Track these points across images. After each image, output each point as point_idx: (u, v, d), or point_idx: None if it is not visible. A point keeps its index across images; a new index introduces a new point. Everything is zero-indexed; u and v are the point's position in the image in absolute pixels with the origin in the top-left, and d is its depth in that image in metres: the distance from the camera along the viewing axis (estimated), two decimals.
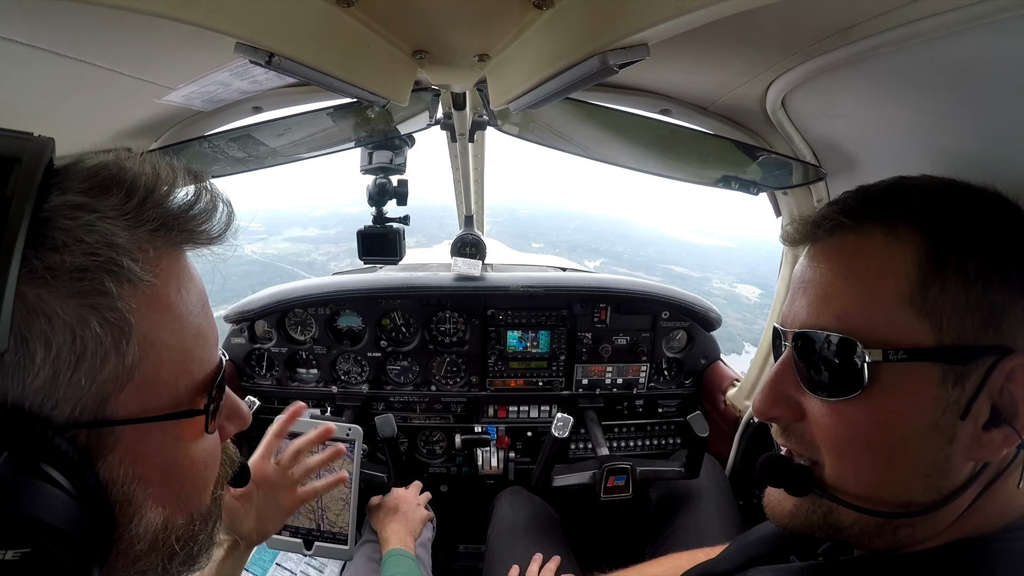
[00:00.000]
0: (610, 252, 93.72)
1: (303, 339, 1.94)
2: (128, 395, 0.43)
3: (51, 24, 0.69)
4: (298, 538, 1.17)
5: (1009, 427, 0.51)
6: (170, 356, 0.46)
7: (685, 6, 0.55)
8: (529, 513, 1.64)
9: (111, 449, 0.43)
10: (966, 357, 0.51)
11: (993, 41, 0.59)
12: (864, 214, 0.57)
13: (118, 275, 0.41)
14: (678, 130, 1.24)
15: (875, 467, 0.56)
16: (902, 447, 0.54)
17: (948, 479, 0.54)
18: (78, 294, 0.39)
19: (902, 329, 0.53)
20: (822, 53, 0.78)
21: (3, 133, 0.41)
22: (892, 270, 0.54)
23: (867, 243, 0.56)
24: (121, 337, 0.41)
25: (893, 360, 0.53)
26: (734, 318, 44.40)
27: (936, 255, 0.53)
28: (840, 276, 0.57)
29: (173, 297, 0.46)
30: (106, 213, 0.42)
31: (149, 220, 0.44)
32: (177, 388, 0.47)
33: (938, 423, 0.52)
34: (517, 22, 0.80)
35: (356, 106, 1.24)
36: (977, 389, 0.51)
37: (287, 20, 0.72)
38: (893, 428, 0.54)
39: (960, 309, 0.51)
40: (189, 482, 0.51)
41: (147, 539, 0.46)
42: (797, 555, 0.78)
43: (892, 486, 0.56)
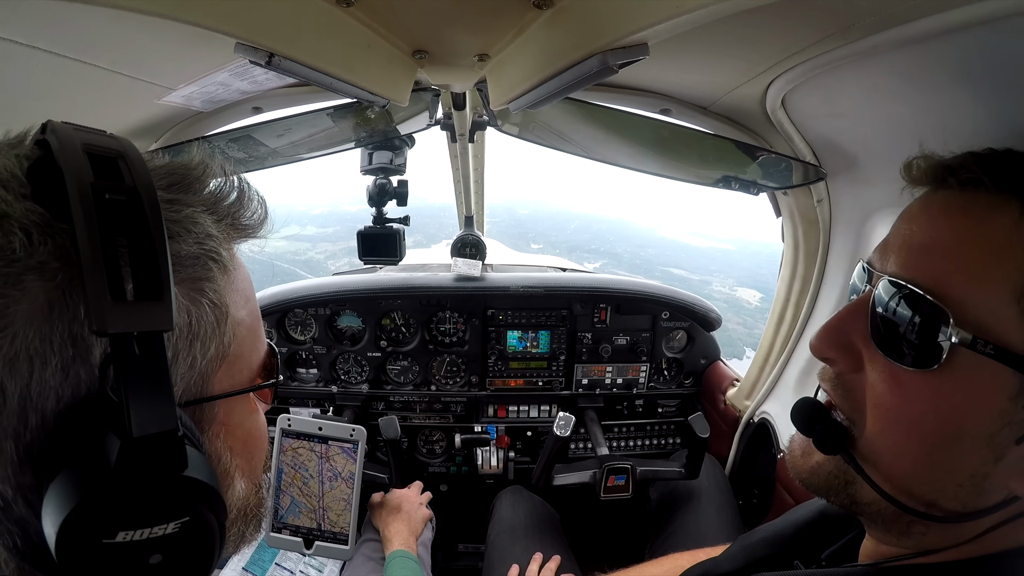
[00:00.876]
0: (610, 253, 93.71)
1: (303, 339, 1.94)
2: (223, 372, 0.47)
3: (51, 24, 0.69)
4: (298, 537, 1.17)
5: None
6: (247, 335, 0.50)
7: (685, 6, 0.55)
8: (529, 512, 1.64)
9: (210, 423, 0.47)
10: None
11: (993, 41, 0.59)
12: (1007, 180, 0.49)
13: (218, 262, 0.45)
14: (678, 130, 1.24)
15: (914, 455, 0.51)
16: (949, 446, 0.49)
17: (979, 496, 0.49)
18: (191, 279, 0.43)
19: (1001, 322, 0.46)
20: (822, 53, 0.78)
21: (85, 128, 0.43)
22: (1016, 254, 0.46)
23: (1000, 213, 0.48)
24: (222, 319, 0.45)
25: (980, 350, 0.46)
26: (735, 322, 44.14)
27: None
28: (955, 236, 0.49)
29: (242, 282, 0.51)
30: (198, 207, 0.45)
31: (224, 215, 0.49)
32: (252, 364, 0.52)
33: (993, 436, 0.47)
34: (517, 22, 0.80)
35: (356, 106, 1.24)
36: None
37: (287, 20, 0.72)
38: (948, 421, 0.49)
39: None
40: (259, 451, 0.56)
41: (236, 507, 0.50)
42: (800, 558, 0.76)
43: (923, 481, 0.52)
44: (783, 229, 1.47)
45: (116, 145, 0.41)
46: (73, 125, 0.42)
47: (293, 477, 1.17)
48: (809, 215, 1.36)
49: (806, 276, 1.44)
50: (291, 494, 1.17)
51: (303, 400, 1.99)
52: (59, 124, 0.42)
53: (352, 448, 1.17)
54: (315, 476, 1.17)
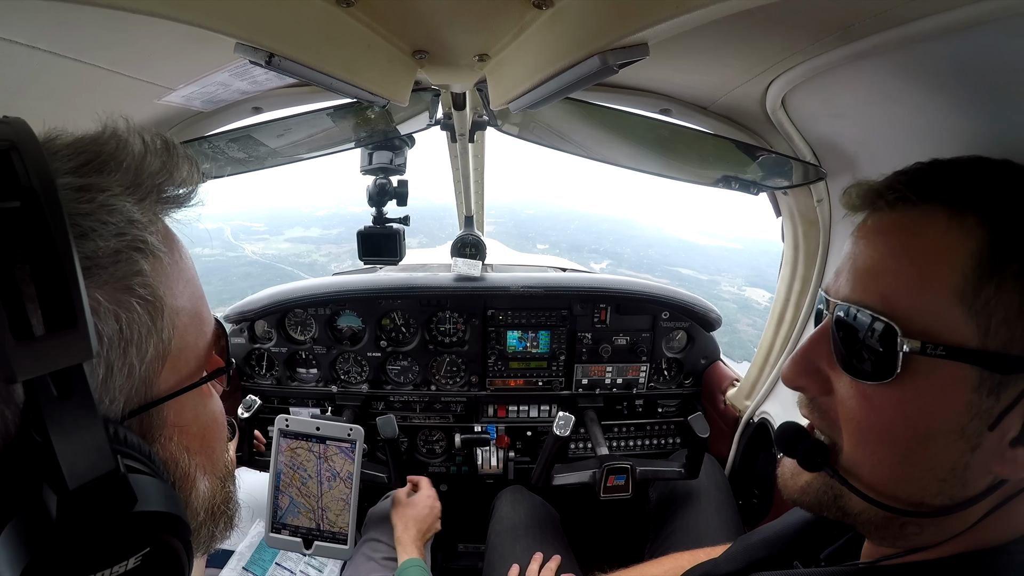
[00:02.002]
0: (615, 254, 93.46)
1: (303, 339, 1.94)
2: (167, 370, 0.43)
3: (51, 25, 0.69)
4: (298, 537, 1.17)
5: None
6: (190, 322, 0.46)
7: (685, 6, 0.55)
8: (529, 512, 1.64)
9: (161, 428, 0.43)
10: (1008, 367, 0.48)
11: (993, 41, 0.59)
12: (931, 191, 0.52)
13: (144, 252, 0.40)
14: (678, 130, 1.24)
15: (892, 460, 0.54)
16: (923, 445, 0.52)
17: (964, 487, 0.51)
18: (115, 279, 0.38)
19: (947, 323, 0.49)
20: (822, 53, 0.78)
21: None
22: (948, 258, 0.50)
23: (928, 223, 0.52)
24: (157, 315, 0.41)
25: (931, 354, 0.49)
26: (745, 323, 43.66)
27: (997, 253, 0.48)
28: (894, 254, 0.53)
29: (178, 263, 0.46)
30: (113, 190, 0.39)
31: (148, 191, 0.43)
32: (199, 351, 0.47)
33: (964, 428, 0.50)
34: (517, 22, 0.80)
35: (356, 106, 1.24)
36: (1013, 402, 0.48)
37: (287, 20, 0.72)
38: (917, 424, 0.52)
39: (1012, 317, 0.47)
40: (217, 442, 0.51)
41: (204, 508, 0.47)
42: (800, 558, 0.77)
43: (906, 483, 0.54)
44: (783, 229, 1.47)
45: (7, 133, 0.34)
46: None
47: (292, 477, 1.17)
48: (809, 215, 1.35)
49: (806, 276, 1.44)
50: (290, 494, 1.17)
51: (303, 400, 2.00)
52: None
53: (350, 448, 1.17)
54: (314, 476, 1.17)
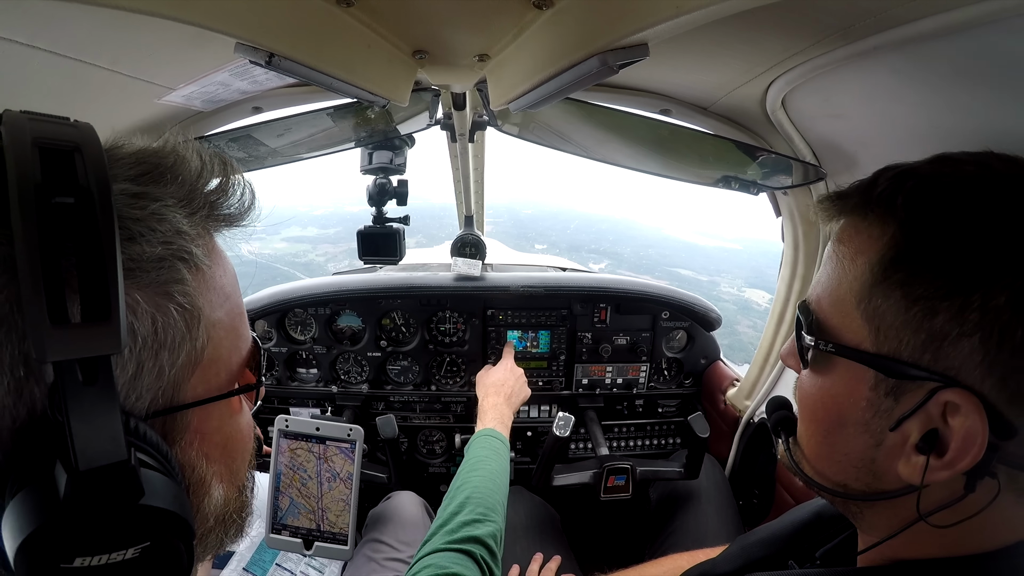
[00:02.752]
0: (614, 254, 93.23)
1: (303, 339, 1.94)
2: (197, 378, 0.44)
3: (51, 24, 0.69)
4: (298, 538, 1.17)
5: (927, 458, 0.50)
6: (225, 336, 0.47)
7: (685, 6, 0.55)
8: (529, 513, 1.64)
9: (184, 432, 0.44)
10: (898, 371, 0.50)
11: (993, 41, 0.59)
12: (854, 203, 0.56)
13: (188, 262, 0.42)
14: (678, 130, 1.24)
15: (818, 439, 0.60)
16: (838, 431, 0.57)
17: (877, 479, 0.55)
18: (156, 283, 0.40)
19: (849, 325, 0.54)
20: (822, 53, 0.78)
21: (44, 117, 0.39)
22: (858, 263, 0.54)
23: (850, 232, 0.56)
24: (194, 323, 0.42)
25: (823, 349, 0.56)
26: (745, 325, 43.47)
27: (890, 261, 0.50)
28: (829, 259, 0.59)
29: (220, 279, 0.47)
30: (167, 201, 0.42)
31: (201, 206, 0.45)
32: (231, 366, 0.49)
33: (868, 423, 0.53)
34: (517, 22, 0.80)
35: (356, 106, 1.24)
36: (913, 409, 0.49)
37: (287, 20, 0.72)
38: (831, 410, 0.57)
39: (899, 324, 0.49)
40: (240, 455, 0.53)
41: (214, 515, 0.48)
42: (795, 558, 0.78)
43: (829, 463, 0.59)
44: (783, 229, 1.47)
45: (74, 136, 0.37)
46: (31, 114, 0.38)
47: (292, 478, 1.17)
48: (809, 215, 1.36)
49: (806, 276, 1.44)
50: (290, 495, 1.17)
51: (303, 400, 2.00)
52: (15, 114, 0.38)
53: (350, 448, 1.17)
54: (314, 477, 1.17)
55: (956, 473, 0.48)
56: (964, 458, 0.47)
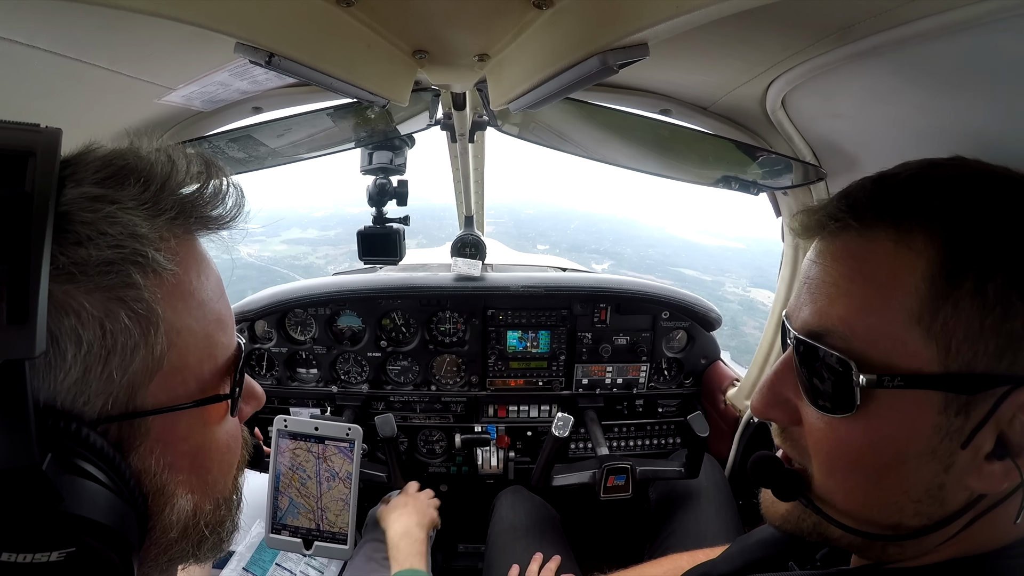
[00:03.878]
0: (616, 254, 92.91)
1: (303, 339, 1.94)
2: (157, 385, 0.43)
3: (51, 24, 0.69)
4: (298, 538, 1.17)
5: (1012, 462, 0.47)
6: (195, 343, 0.46)
7: (685, 6, 0.55)
8: (529, 512, 1.64)
9: (143, 439, 0.43)
10: (975, 387, 0.46)
11: (993, 41, 0.59)
12: (874, 215, 0.51)
13: (143, 266, 0.41)
14: (678, 130, 1.24)
15: (864, 488, 0.53)
16: (894, 471, 0.51)
17: (941, 506, 0.51)
18: (105, 288, 0.39)
19: (906, 348, 0.48)
20: (822, 53, 0.78)
21: (11, 125, 0.40)
22: (902, 281, 0.48)
23: (876, 249, 0.50)
24: (149, 327, 0.41)
25: (888, 386, 0.49)
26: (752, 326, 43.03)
27: (951, 272, 0.46)
28: (846, 278, 0.52)
29: (194, 283, 0.46)
30: (125, 203, 0.41)
31: (167, 208, 0.44)
32: (203, 374, 0.47)
33: (935, 450, 0.49)
34: (517, 22, 0.80)
35: (356, 106, 1.24)
36: (984, 419, 0.46)
37: (287, 20, 0.72)
38: (886, 452, 0.51)
39: (973, 335, 0.45)
40: (216, 466, 0.51)
41: (179, 526, 0.47)
42: (795, 560, 0.77)
43: (881, 508, 0.53)
44: (783, 229, 1.47)
45: (30, 142, 0.38)
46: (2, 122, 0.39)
47: (291, 478, 1.17)
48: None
49: None
50: (289, 495, 1.17)
51: (303, 400, 2.00)
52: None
53: (348, 448, 1.17)
54: (313, 477, 1.17)
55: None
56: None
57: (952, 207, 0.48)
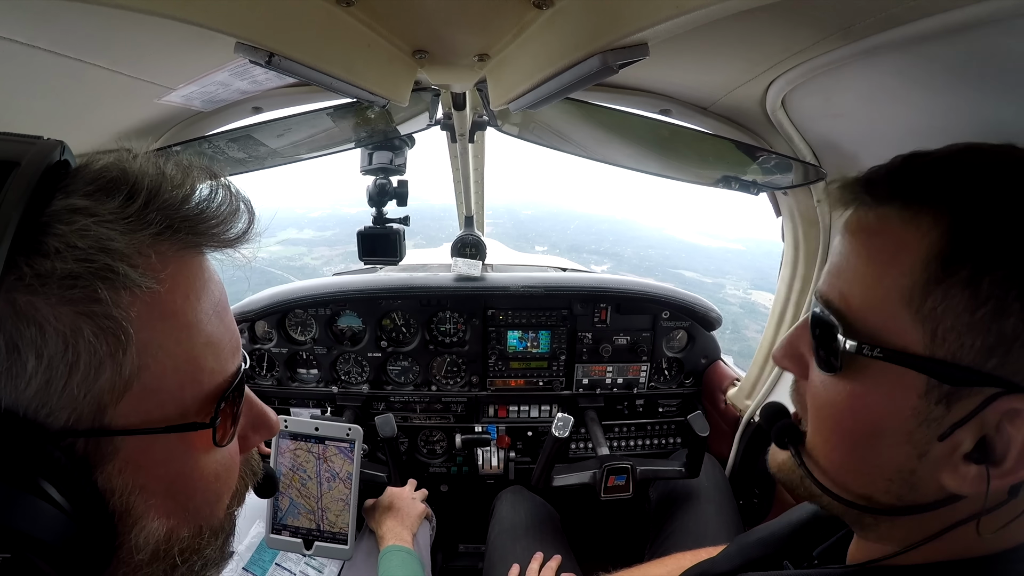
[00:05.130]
0: (616, 255, 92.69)
1: (303, 339, 1.94)
2: (128, 405, 0.41)
3: (51, 24, 0.69)
4: (298, 538, 1.17)
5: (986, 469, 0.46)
6: (175, 366, 0.44)
7: (685, 6, 0.55)
8: (530, 512, 1.64)
9: (110, 458, 0.42)
10: (958, 378, 0.46)
11: (994, 41, 0.59)
12: (888, 192, 0.51)
13: (113, 282, 0.39)
14: (678, 130, 1.24)
15: (842, 449, 0.56)
16: (869, 442, 0.52)
17: (912, 491, 0.51)
18: (71, 301, 0.38)
19: (895, 325, 0.49)
20: (822, 53, 0.78)
21: (10, 137, 0.40)
22: (901, 260, 0.48)
23: (885, 226, 0.51)
24: (118, 346, 0.40)
25: (867, 355, 0.50)
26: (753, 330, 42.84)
27: (948, 259, 0.46)
28: (855, 253, 0.53)
29: (180, 304, 0.44)
30: (105, 217, 0.40)
31: (152, 223, 0.42)
32: (183, 399, 0.45)
33: (912, 434, 0.49)
34: (517, 22, 0.80)
35: (356, 106, 1.24)
36: (967, 416, 0.46)
37: (287, 20, 0.72)
38: (863, 420, 0.52)
39: (962, 326, 0.45)
40: (199, 495, 0.49)
41: (147, 550, 0.45)
42: (792, 557, 0.77)
43: (854, 474, 0.55)
44: (783, 229, 1.47)
45: (18, 153, 0.39)
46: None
47: (291, 479, 1.17)
48: (809, 215, 1.36)
49: (806, 276, 1.44)
50: (290, 495, 1.17)
51: (303, 401, 2.00)
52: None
53: (349, 448, 1.17)
54: (313, 477, 1.17)
55: (1013, 482, 0.45)
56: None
57: (966, 192, 0.46)
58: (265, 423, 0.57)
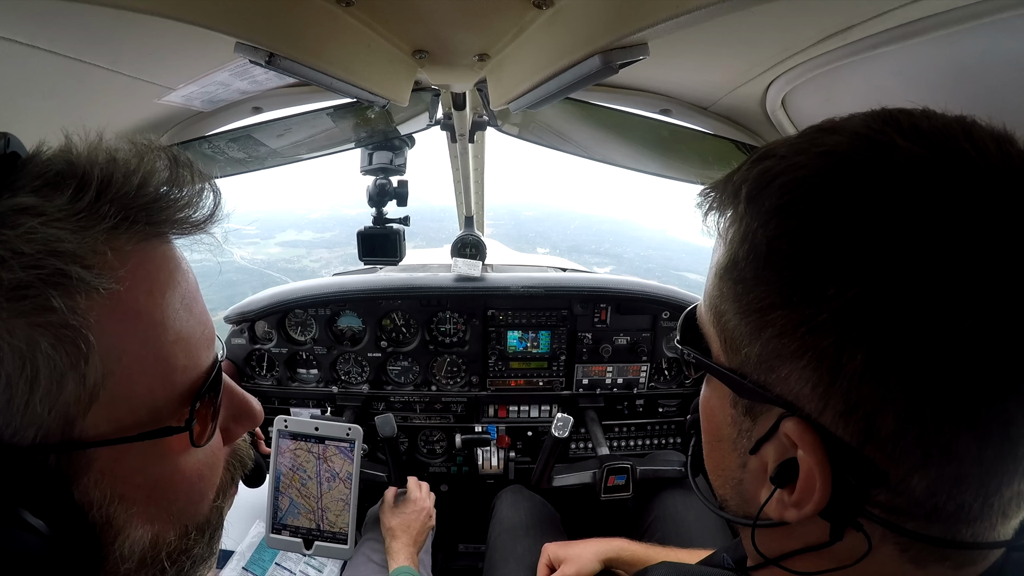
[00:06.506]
0: (617, 256, 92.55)
1: (303, 339, 1.94)
2: (97, 415, 0.39)
3: (51, 24, 0.69)
4: (298, 538, 1.17)
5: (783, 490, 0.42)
6: (143, 369, 0.41)
7: (685, 6, 0.55)
8: (530, 512, 1.64)
9: (85, 471, 0.39)
10: (744, 390, 0.43)
11: (993, 41, 0.59)
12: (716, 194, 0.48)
13: (66, 287, 0.36)
14: (678, 130, 1.24)
15: (707, 451, 0.54)
16: (717, 444, 0.51)
17: (745, 503, 0.48)
18: (23, 313, 0.35)
19: (712, 336, 0.48)
20: (822, 53, 0.78)
21: None
22: (714, 269, 0.47)
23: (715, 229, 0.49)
24: (79, 356, 0.37)
25: (687, 358, 0.50)
26: None
27: (725, 270, 0.44)
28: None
29: (144, 301, 0.41)
30: (53, 215, 0.36)
31: (106, 216, 0.38)
32: (155, 402, 0.42)
33: (735, 442, 0.47)
34: (517, 22, 0.80)
35: (356, 106, 1.24)
36: (767, 433, 0.42)
37: (287, 20, 0.72)
38: (709, 421, 0.52)
39: (740, 336, 0.42)
40: (182, 496, 0.47)
41: (134, 558, 0.43)
42: None
43: (715, 476, 0.54)
44: None
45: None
46: None
47: (291, 478, 1.17)
48: None
49: None
50: (289, 495, 1.17)
51: (303, 401, 2.00)
52: None
53: (349, 448, 1.17)
54: (313, 477, 1.17)
55: (805, 516, 0.40)
56: (808, 501, 0.39)
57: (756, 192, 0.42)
58: (247, 413, 0.54)
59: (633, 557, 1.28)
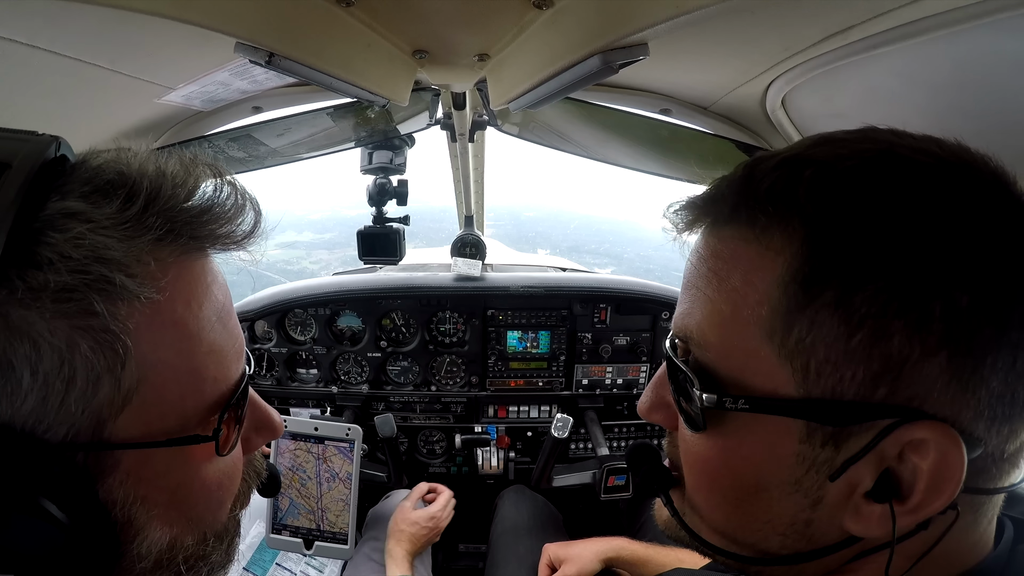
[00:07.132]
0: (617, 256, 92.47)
1: (303, 339, 1.94)
2: (128, 419, 0.40)
3: (51, 24, 0.69)
4: (298, 538, 1.17)
5: (889, 506, 0.39)
6: (175, 377, 0.42)
7: (685, 6, 0.55)
8: (532, 512, 1.64)
9: (111, 471, 0.41)
10: (843, 418, 0.39)
11: (993, 41, 0.59)
12: (732, 204, 0.44)
13: (109, 293, 0.37)
14: (678, 130, 1.24)
15: (725, 508, 0.48)
16: (754, 497, 0.44)
17: (809, 543, 0.44)
18: (66, 315, 0.36)
19: (759, 366, 0.41)
20: (822, 53, 0.78)
21: (5, 134, 0.38)
22: (754, 286, 0.41)
23: (733, 247, 0.43)
24: (116, 361, 0.38)
25: (731, 408, 0.42)
26: None
27: (808, 279, 0.38)
28: (704, 278, 0.45)
29: (181, 312, 0.42)
30: (101, 223, 0.38)
31: (152, 227, 0.40)
32: (185, 410, 0.44)
33: (800, 482, 0.41)
34: (517, 22, 0.80)
35: (356, 106, 1.24)
36: (861, 451, 0.39)
37: (287, 20, 0.72)
38: (744, 475, 0.44)
39: (837, 356, 0.38)
40: (202, 503, 0.48)
41: (151, 559, 0.44)
42: None
43: (743, 530, 0.47)
44: None
45: (8, 152, 0.36)
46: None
47: (291, 479, 1.17)
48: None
49: None
50: (290, 496, 1.17)
51: (303, 401, 2.00)
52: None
53: (348, 448, 1.17)
54: (313, 477, 1.17)
55: (923, 518, 0.39)
56: (937, 499, 0.38)
57: (819, 195, 0.39)
58: (269, 425, 0.56)
59: (634, 556, 1.28)
